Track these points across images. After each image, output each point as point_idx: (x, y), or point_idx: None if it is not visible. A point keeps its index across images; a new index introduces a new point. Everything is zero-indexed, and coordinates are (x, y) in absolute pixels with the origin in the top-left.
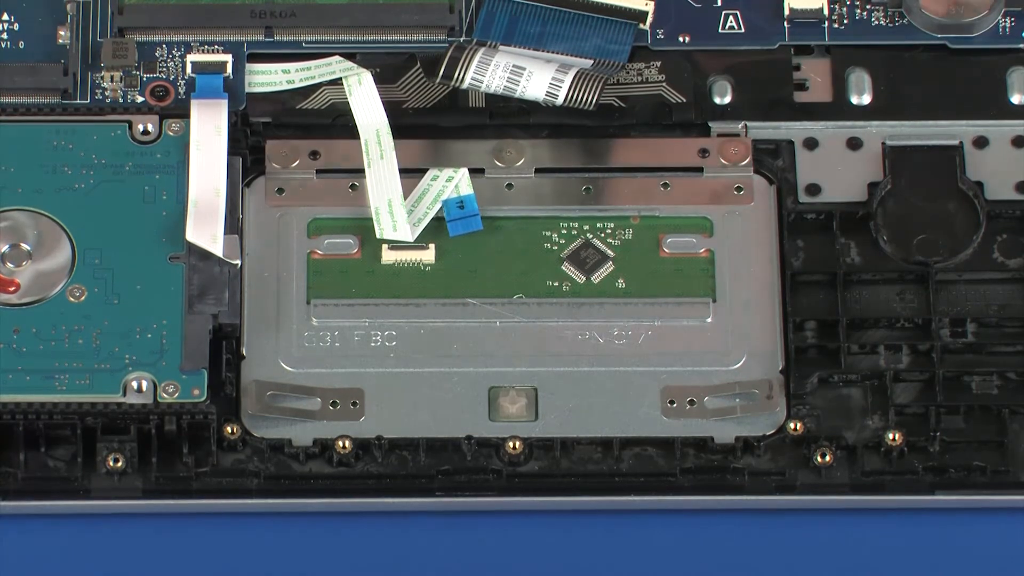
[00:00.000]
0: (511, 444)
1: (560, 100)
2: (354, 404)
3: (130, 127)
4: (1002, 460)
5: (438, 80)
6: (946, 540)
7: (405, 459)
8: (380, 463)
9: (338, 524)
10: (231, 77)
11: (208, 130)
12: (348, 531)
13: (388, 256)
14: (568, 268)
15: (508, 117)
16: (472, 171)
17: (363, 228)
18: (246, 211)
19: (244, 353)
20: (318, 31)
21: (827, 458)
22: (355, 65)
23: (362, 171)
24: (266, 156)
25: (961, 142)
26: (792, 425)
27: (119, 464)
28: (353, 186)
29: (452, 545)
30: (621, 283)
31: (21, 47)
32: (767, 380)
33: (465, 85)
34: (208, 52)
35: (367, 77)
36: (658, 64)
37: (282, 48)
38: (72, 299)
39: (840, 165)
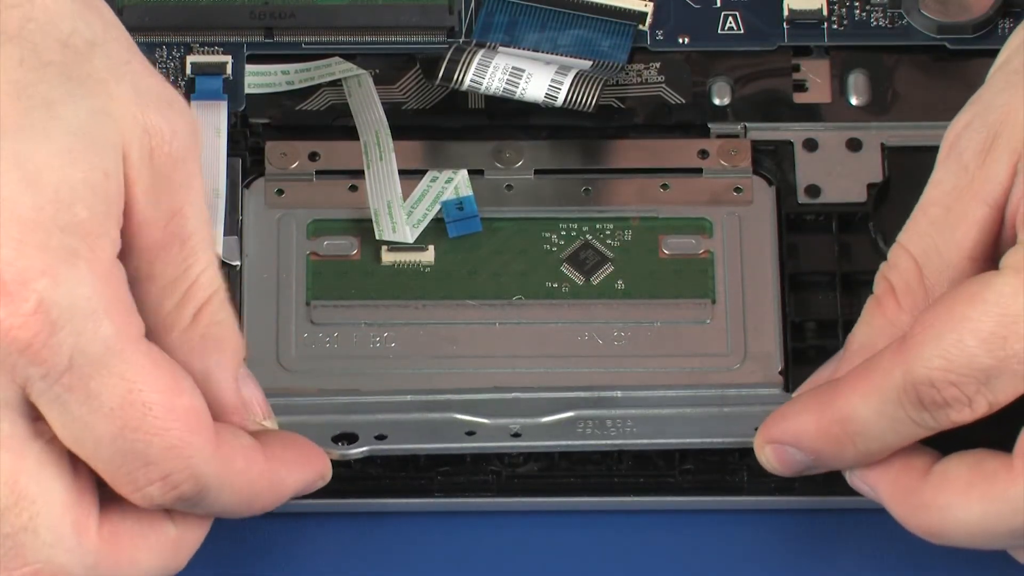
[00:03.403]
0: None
1: (560, 101)
2: None
3: None
4: None
5: (437, 82)
6: None
7: (404, 460)
8: (379, 464)
9: (337, 524)
10: (231, 78)
11: (208, 131)
12: (347, 531)
13: (387, 257)
14: (567, 269)
15: (507, 118)
16: (471, 172)
17: (362, 229)
18: (245, 212)
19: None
20: (318, 32)
21: None
22: (354, 66)
23: (361, 172)
24: (265, 157)
25: None
26: None
27: None
28: (353, 187)
29: (451, 545)
30: (620, 284)
31: None
32: (767, 381)
33: (464, 87)
34: (208, 53)
35: (366, 78)
36: (657, 65)
37: (282, 49)
38: None
39: (839, 166)
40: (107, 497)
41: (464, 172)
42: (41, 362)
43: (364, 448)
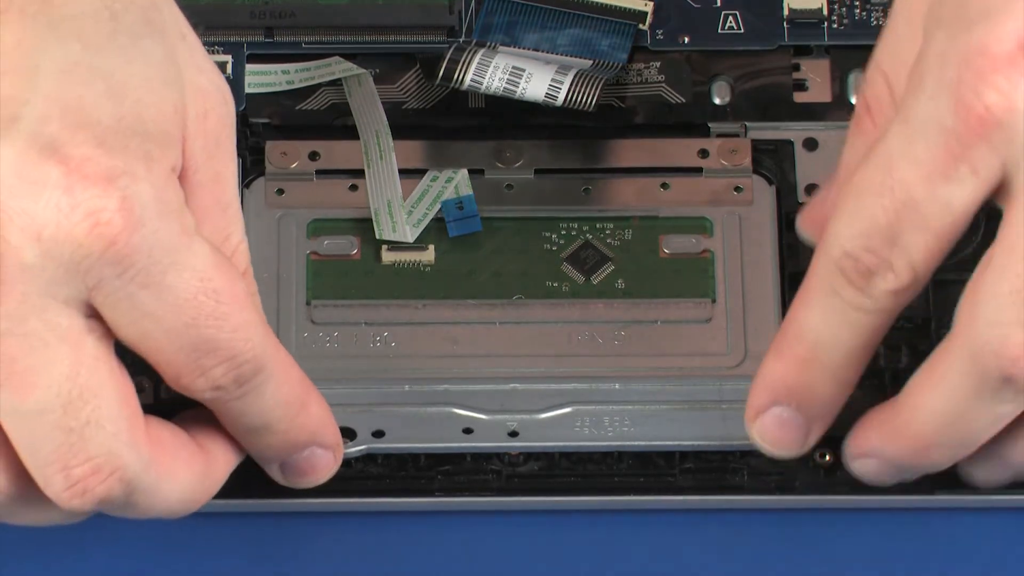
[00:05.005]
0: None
1: (560, 101)
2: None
3: None
4: None
5: (437, 82)
6: (947, 540)
7: (404, 459)
8: (380, 463)
9: (337, 524)
10: (231, 78)
11: None
12: (347, 531)
13: (387, 257)
14: (568, 269)
15: (507, 118)
16: (471, 172)
17: (362, 229)
18: (245, 212)
19: None
20: (318, 32)
21: (827, 458)
22: (355, 66)
23: (362, 172)
24: (265, 157)
25: None
26: None
27: None
28: (353, 187)
29: (452, 545)
30: (621, 284)
31: None
32: None
33: (465, 87)
34: (208, 53)
35: (367, 78)
36: (657, 65)
37: (282, 49)
38: None
39: None
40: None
41: (464, 172)
42: (121, 260)
43: (362, 447)
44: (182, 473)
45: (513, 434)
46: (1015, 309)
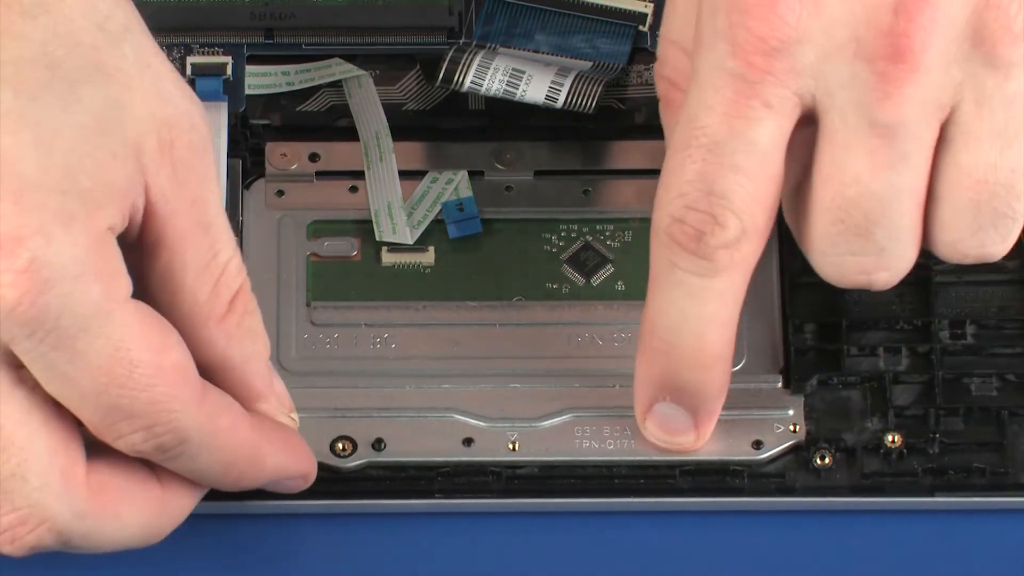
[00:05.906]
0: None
1: (560, 103)
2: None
3: None
4: (1001, 462)
5: (438, 84)
6: (945, 542)
7: (404, 461)
8: (379, 464)
9: (337, 526)
10: (231, 79)
11: None
12: (347, 533)
13: (388, 258)
14: (568, 270)
15: (508, 119)
16: (471, 173)
17: (363, 230)
18: (246, 213)
19: None
20: (318, 33)
21: (827, 460)
22: (355, 67)
23: (362, 173)
24: (266, 158)
25: None
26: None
27: None
28: (353, 188)
29: (452, 546)
30: (621, 285)
31: None
32: (767, 381)
33: (465, 89)
34: (208, 54)
35: (367, 79)
36: None
37: (282, 50)
38: None
39: None
40: (94, 450)
41: (464, 173)
42: (27, 322)
43: (362, 461)
44: (130, 516)
45: (513, 446)
46: (842, 240)
